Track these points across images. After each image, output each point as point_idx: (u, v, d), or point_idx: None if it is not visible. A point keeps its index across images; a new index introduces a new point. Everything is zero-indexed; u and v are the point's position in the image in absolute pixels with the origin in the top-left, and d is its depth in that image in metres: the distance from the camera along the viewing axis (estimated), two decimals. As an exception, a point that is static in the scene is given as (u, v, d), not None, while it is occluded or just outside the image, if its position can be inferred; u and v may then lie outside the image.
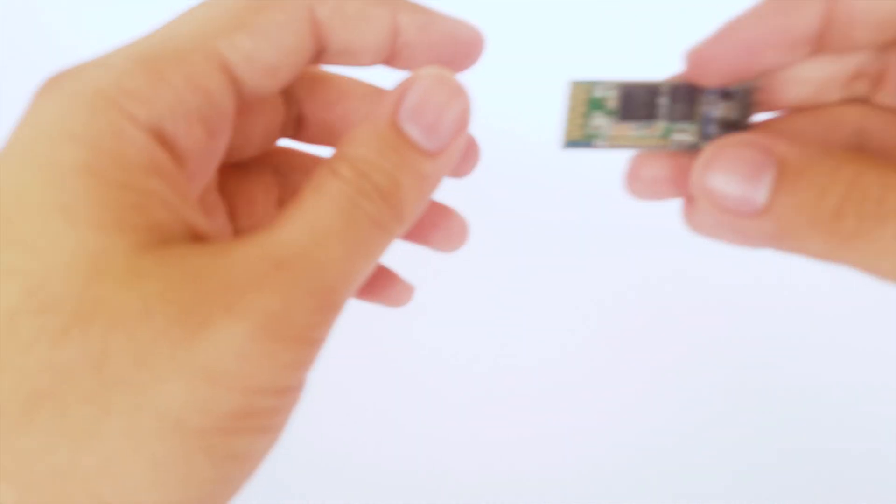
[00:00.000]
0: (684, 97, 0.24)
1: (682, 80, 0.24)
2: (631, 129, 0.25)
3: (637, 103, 0.25)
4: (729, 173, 0.21)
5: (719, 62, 0.22)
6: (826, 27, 0.21)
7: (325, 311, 0.20)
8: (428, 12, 0.24)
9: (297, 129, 0.27)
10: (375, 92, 0.27)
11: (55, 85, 0.19)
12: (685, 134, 0.25)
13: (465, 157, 0.26)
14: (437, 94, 0.22)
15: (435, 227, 0.28)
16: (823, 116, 0.25)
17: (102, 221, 0.18)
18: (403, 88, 0.21)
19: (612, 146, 0.25)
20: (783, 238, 0.21)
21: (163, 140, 0.20)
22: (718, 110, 0.24)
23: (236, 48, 0.21)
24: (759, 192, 0.21)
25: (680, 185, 0.25)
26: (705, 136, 0.25)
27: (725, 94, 0.24)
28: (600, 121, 0.25)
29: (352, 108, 0.26)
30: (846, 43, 0.22)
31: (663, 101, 0.24)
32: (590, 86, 0.25)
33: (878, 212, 0.19)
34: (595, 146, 0.25)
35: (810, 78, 0.24)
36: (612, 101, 0.25)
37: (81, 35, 0.52)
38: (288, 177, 0.28)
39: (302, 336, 0.19)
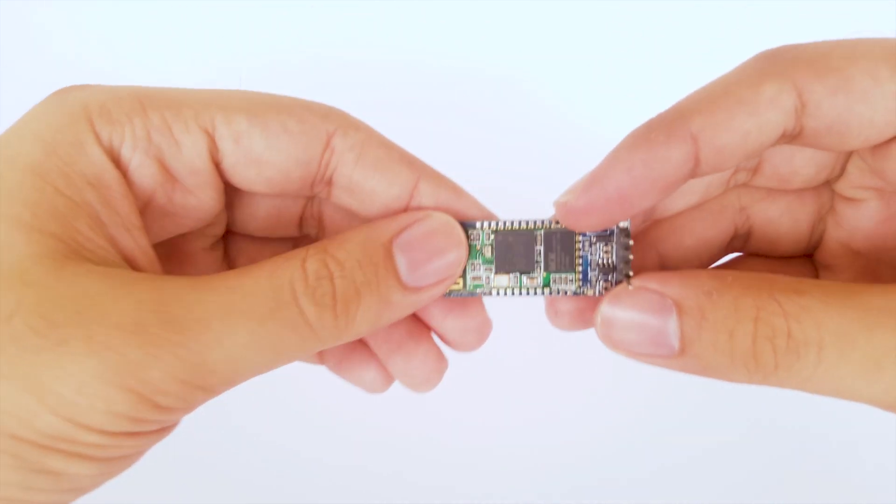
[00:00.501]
0: (561, 244, 0.24)
1: (556, 221, 0.24)
2: (512, 280, 0.24)
3: (514, 254, 0.24)
4: (632, 328, 0.22)
5: (590, 215, 0.22)
6: (696, 166, 0.21)
7: (191, 387, 0.19)
8: (455, 190, 0.24)
9: (319, 228, 0.27)
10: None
11: (60, 94, 0.22)
12: (566, 283, 0.24)
13: (476, 334, 0.26)
14: (439, 238, 0.23)
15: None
16: (706, 206, 0.26)
17: (21, 220, 0.19)
18: (413, 219, 0.23)
19: (498, 294, 0.25)
20: (707, 373, 0.21)
21: (118, 163, 0.21)
22: (596, 253, 0.24)
23: (229, 125, 0.22)
24: (670, 339, 0.21)
25: None
26: (586, 282, 0.24)
27: (601, 236, 0.24)
28: (480, 271, 0.24)
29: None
30: (718, 169, 0.22)
31: (540, 250, 0.24)
32: (465, 232, 0.24)
33: (792, 345, 0.20)
34: (480, 294, 0.25)
35: (693, 189, 0.25)
36: (489, 249, 0.24)
37: (80, 38, 0.52)
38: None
39: (148, 397, 0.18)
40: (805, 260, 0.27)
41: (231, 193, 0.25)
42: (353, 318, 0.21)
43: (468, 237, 0.24)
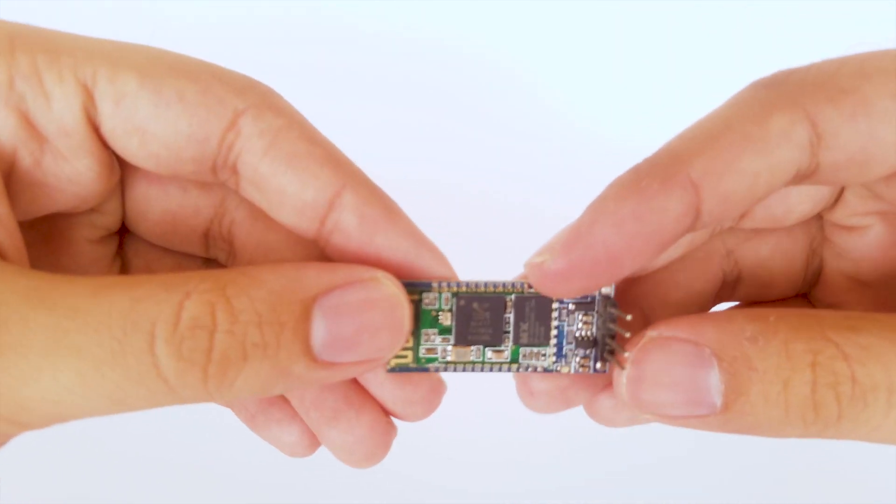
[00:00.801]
0: (535, 312, 0.21)
1: (530, 284, 0.20)
2: (474, 354, 0.21)
3: (478, 323, 0.21)
4: (665, 386, 0.18)
5: (571, 280, 0.18)
6: (697, 217, 0.18)
7: None
8: (388, 210, 0.20)
9: (230, 253, 0.23)
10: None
11: None
12: (538, 358, 0.21)
13: (423, 405, 0.22)
14: (377, 312, 0.19)
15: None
16: (690, 254, 0.23)
17: None
18: (352, 278, 0.18)
19: (455, 370, 0.21)
20: (753, 430, 0.18)
21: None
22: (574, 324, 0.21)
23: (113, 81, 0.19)
24: (711, 396, 0.18)
25: (585, 387, 0.22)
26: (560, 357, 0.21)
27: (580, 303, 0.21)
28: (436, 342, 0.21)
29: (289, 258, 0.22)
30: (722, 219, 0.19)
31: (510, 318, 0.21)
32: (418, 294, 0.20)
33: (858, 392, 0.17)
34: (432, 370, 0.21)
35: (680, 241, 0.22)
36: (447, 315, 0.20)
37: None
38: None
39: None
40: (801, 300, 0.25)
41: (126, 180, 0.22)
42: (229, 384, 0.17)
43: (420, 300, 0.20)
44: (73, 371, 0.16)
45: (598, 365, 0.21)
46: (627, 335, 0.20)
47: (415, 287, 0.20)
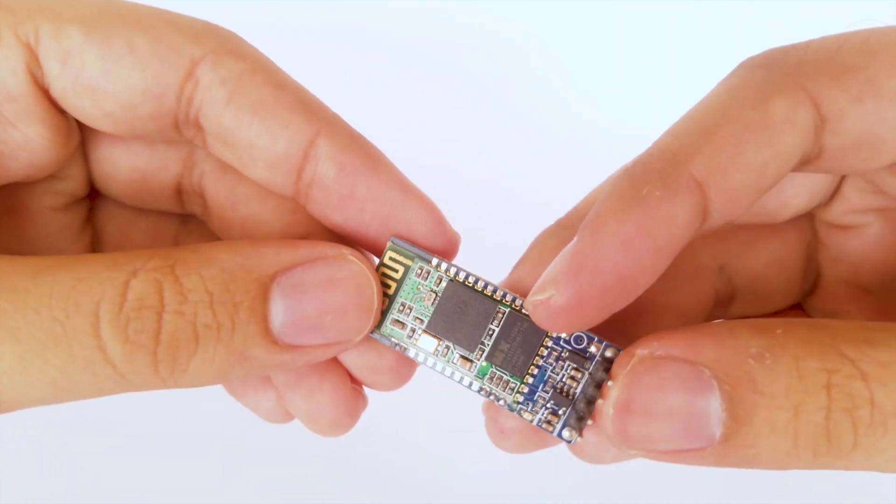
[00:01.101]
0: (522, 337, 0.19)
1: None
2: (440, 351, 0.19)
3: (459, 319, 0.19)
4: (659, 416, 0.16)
5: (583, 311, 0.16)
6: (705, 219, 0.17)
7: None
8: (370, 157, 0.18)
9: (203, 207, 0.22)
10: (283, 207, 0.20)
11: None
12: (504, 389, 0.19)
13: (391, 374, 0.20)
14: (342, 291, 0.18)
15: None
16: (678, 272, 0.21)
17: None
18: (315, 255, 0.17)
19: (416, 358, 0.19)
20: (752, 464, 0.16)
21: None
22: (559, 372, 0.19)
23: (57, 37, 0.17)
24: (710, 426, 0.16)
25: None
26: (530, 399, 0.19)
27: (576, 354, 0.19)
28: (408, 318, 0.19)
29: (260, 213, 0.20)
30: (730, 217, 0.17)
31: (493, 330, 0.19)
32: (411, 257, 0.19)
33: (877, 417, 0.15)
34: (392, 347, 0.19)
35: None
36: (431, 296, 0.19)
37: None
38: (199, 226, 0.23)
39: None
40: (796, 311, 0.23)
41: (88, 141, 0.21)
42: (182, 369, 0.16)
43: (411, 267, 0.19)
44: (13, 356, 0.15)
45: (565, 433, 0.19)
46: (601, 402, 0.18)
47: (411, 253, 0.19)
